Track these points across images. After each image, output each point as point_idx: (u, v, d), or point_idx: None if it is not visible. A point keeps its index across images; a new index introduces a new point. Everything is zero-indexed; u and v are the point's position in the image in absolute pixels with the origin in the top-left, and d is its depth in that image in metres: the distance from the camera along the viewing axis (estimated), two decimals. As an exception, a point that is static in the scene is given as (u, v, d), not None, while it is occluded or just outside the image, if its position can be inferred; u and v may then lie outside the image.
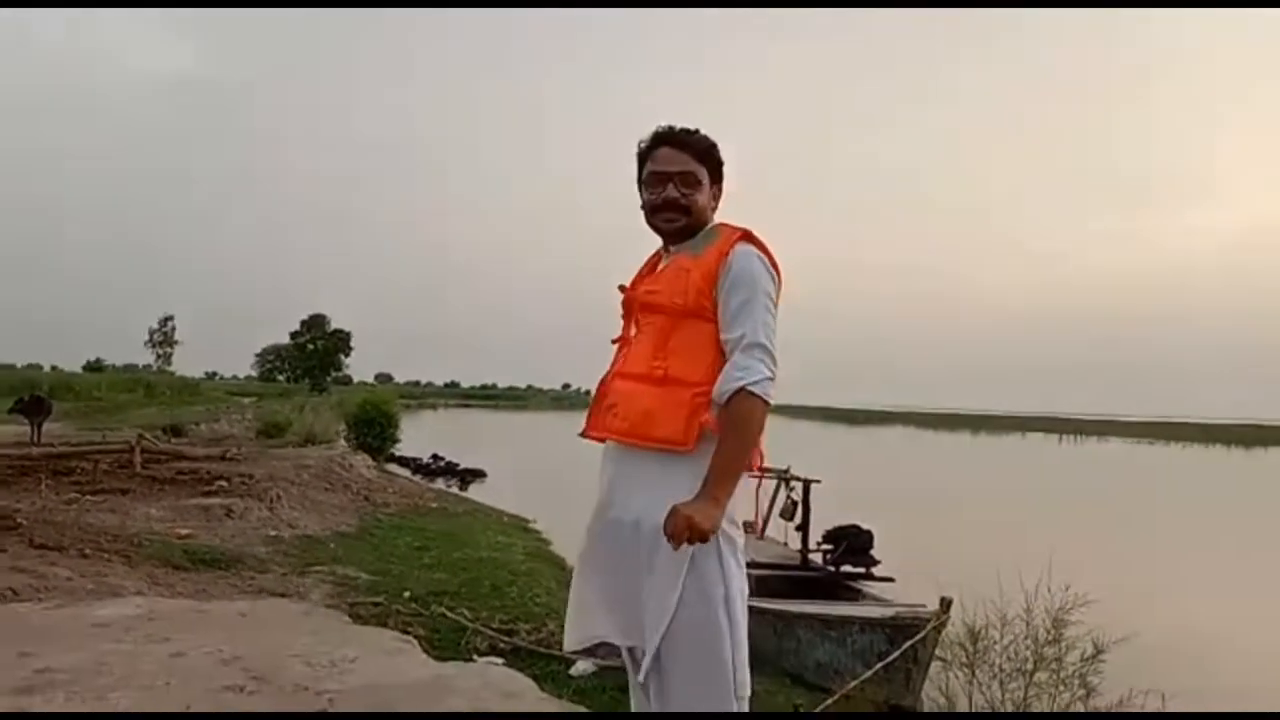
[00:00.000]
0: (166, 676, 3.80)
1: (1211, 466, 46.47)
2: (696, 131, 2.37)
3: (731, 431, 2.14)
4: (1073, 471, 39.21)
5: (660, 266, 2.40)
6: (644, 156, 2.39)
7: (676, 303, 2.24)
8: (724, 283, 2.22)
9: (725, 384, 2.15)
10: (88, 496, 9.72)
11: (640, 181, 2.40)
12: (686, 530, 2.02)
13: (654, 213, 2.35)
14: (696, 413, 2.17)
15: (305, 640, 4.56)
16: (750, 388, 2.12)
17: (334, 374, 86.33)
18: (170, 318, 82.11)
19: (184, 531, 8.21)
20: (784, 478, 10.98)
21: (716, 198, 2.40)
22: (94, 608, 5.05)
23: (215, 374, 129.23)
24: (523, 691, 3.98)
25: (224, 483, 11.01)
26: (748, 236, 2.30)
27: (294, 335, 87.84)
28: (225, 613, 5.16)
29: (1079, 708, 4.68)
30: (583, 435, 2.43)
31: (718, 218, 2.39)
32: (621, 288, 2.42)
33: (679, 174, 2.32)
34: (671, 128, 2.37)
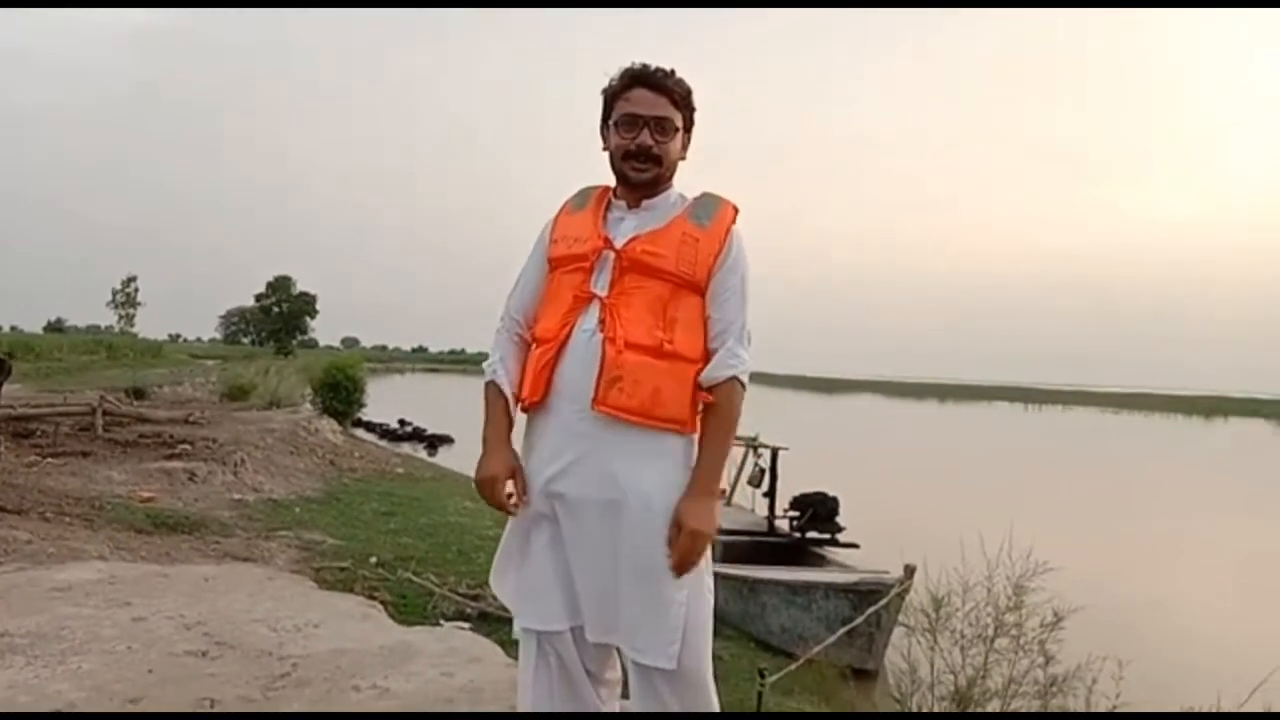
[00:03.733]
0: (128, 641, 3.77)
1: (1172, 435, 47.22)
2: (673, 73, 2.19)
3: (724, 421, 2.13)
4: (1037, 440, 39.75)
5: (613, 215, 2.22)
6: (614, 95, 2.20)
7: (684, 272, 2.11)
8: (724, 261, 2.14)
9: (719, 369, 2.11)
10: (48, 459, 9.59)
11: (606, 122, 2.23)
12: (702, 548, 2.07)
13: (624, 158, 2.17)
14: (697, 394, 2.11)
15: (269, 605, 4.54)
16: (740, 377, 2.13)
17: (299, 337, 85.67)
18: (133, 278, 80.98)
19: (146, 495, 8.13)
20: (752, 445, 11.04)
21: (686, 147, 2.25)
22: (54, 571, 5.00)
23: (179, 336, 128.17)
24: (487, 656, 3.98)
25: (187, 446, 10.89)
26: (736, 215, 2.21)
27: (259, 298, 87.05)
28: (188, 577, 5.12)
29: (1038, 674, 4.75)
30: (529, 409, 2.20)
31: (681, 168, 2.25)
32: (605, 239, 2.16)
33: (655, 119, 2.15)
34: (646, 66, 2.18)
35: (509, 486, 2.21)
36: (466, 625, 5.18)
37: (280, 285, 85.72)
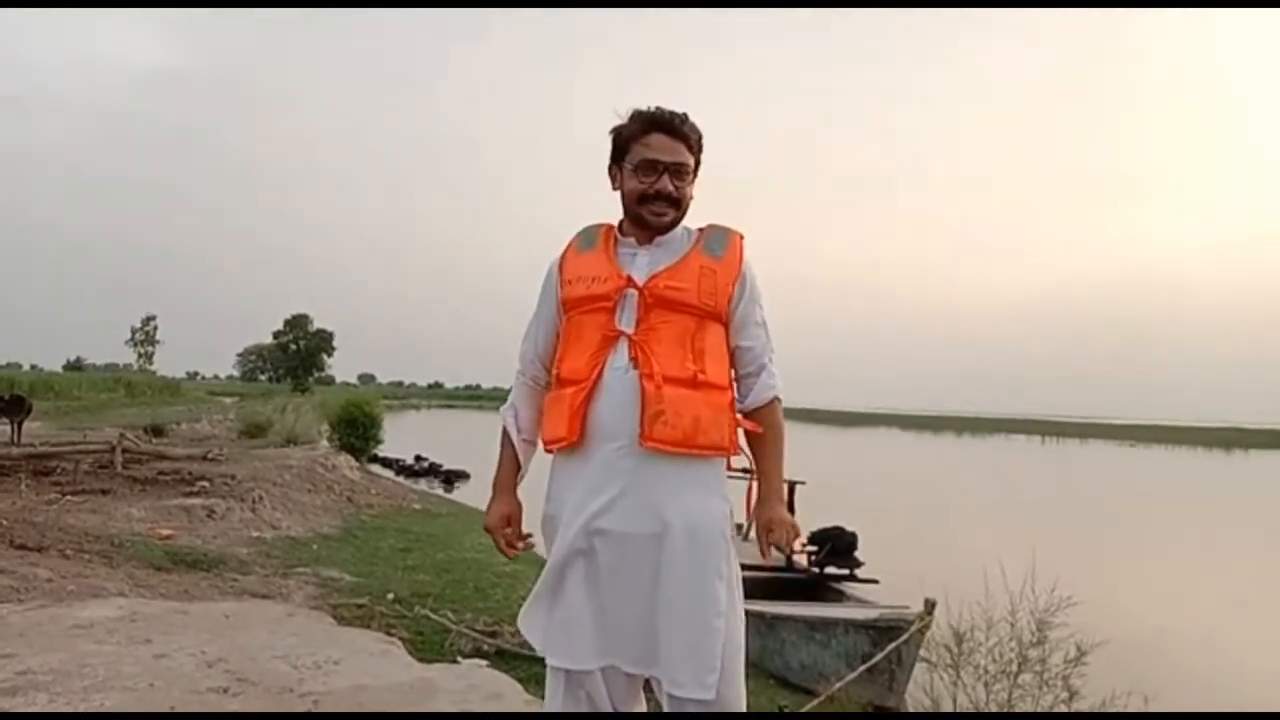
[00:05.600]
0: (150, 678, 3.78)
1: (1192, 468, 46.78)
2: (688, 118, 2.24)
3: (777, 437, 2.31)
4: (1056, 473, 39.41)
5: (624, 252, 2.26)
6: (631, 139, 2.24)
7: (707, 304, 2.17)
8: (742, 290, 2.22)
9: (764, 392, 2.27)
10: (68, 496, 9.65)
11: (621, 164, 2.27)
12: (791, 536, 2.29)
13: (642, 202, 2.22)
14: (734, 417, 2.21)
15: (289, 642, 4.54)
16: (779, 396, 2.30)
17: (316, 374, 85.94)
18: (152, 317, 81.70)
19: (165, 532, 8.16)
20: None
21: (693, 185, 2.30)
22: (75, 609, 5.01)
23: (197, 374, 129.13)
24: (508, 693, 3.97)
25: (206, 483, 10.93)
26: (743, 240, 2.29)
27: (276, 335, 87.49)
28: (208, 614, 5.13)
29: (1062, 710, 4.71)
30: (566, 448, 2.18)
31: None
32: (628, 278, 2.19)
33: (674, 165, 2.21)
34: (663, 111, 2.23)
35: (509, 532, 2.39)
36: (484, 662, 5.16)
37: (298, 323, 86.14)
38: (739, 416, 2.22)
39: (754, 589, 8.90)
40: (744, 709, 2.19)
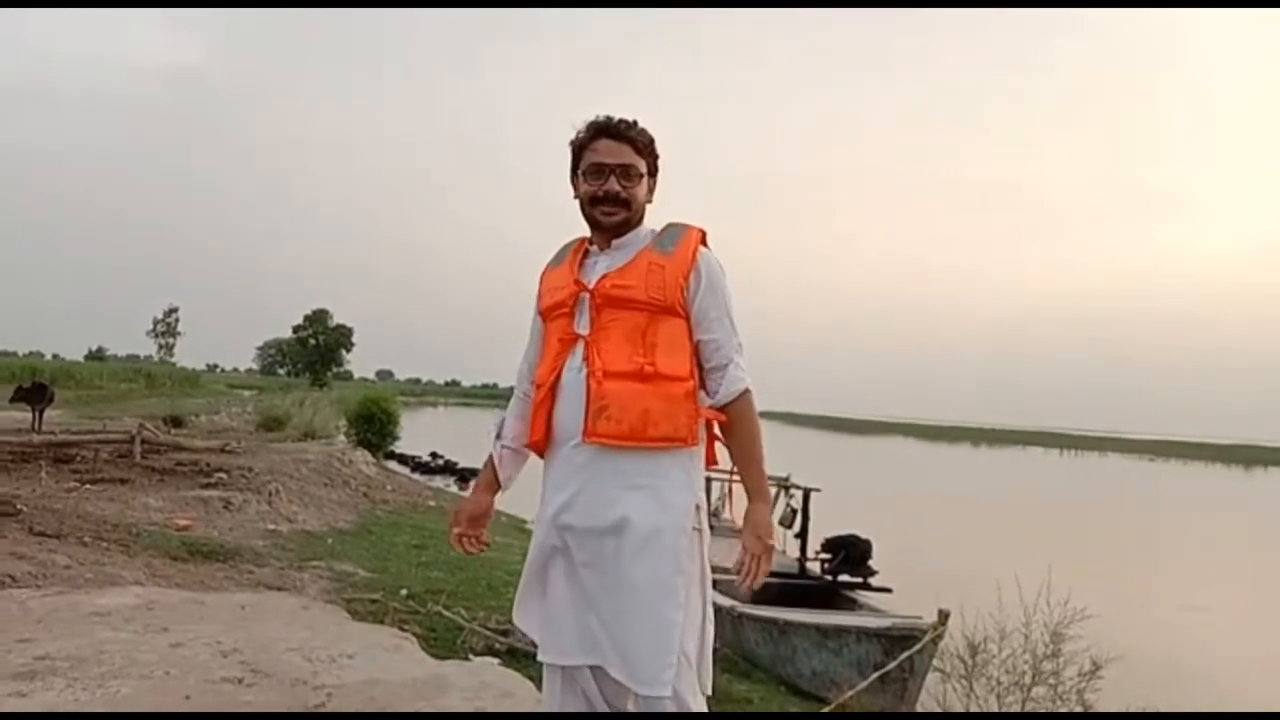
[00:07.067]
0: (165, 666, 3.81)
1: (1211, 484, 46.39)
2: (635, 123, 2.33)
3: (750, 431, 2.27)
4: (1073, 486, 39.16)
5: (589, 260, 2.34)
6: (581, 146, 2.34)
7: (655, 299, 2.21)
8: (698, 283, 2.25)
9: (733, 385, 2.24)
10: (87, 485, 9.72)
11: (576, 172, 2.35)
12: (770, 556, 2.19)
13: (593, 204, 2.30)
14: (694, 407, 2.21)
15: (303, 634, 4.56)
16: (749, 388, 2.27)
17: (335, 369, 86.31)
18: (174, 309, 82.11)
19: (182, 522, 8.20)
20: (784, 485, 10.97)
21: (652, 190, 2.38)
22: (93, 596, 5.06)
23: (216, 366, 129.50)
24: (519, 692, 3.97)
25: (223, 475, 10.99)
26: (705, 238, 2.33)
27: (296, 329, 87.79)
28: (224, 605, 5.16)
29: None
30: (533, 447, 2.31)
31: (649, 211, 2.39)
32: (578, 282, 2.28)
33: (620, 167, 2.28)
34: (610, 119, 2.33)
35: (464, 525, 2.49)
36: (496, 660, 5.17)
37: (317, 318, 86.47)
38: (706, 408, 2.24)
39: (766, 595, 8.95)
40: (704, 707, 2.21)
